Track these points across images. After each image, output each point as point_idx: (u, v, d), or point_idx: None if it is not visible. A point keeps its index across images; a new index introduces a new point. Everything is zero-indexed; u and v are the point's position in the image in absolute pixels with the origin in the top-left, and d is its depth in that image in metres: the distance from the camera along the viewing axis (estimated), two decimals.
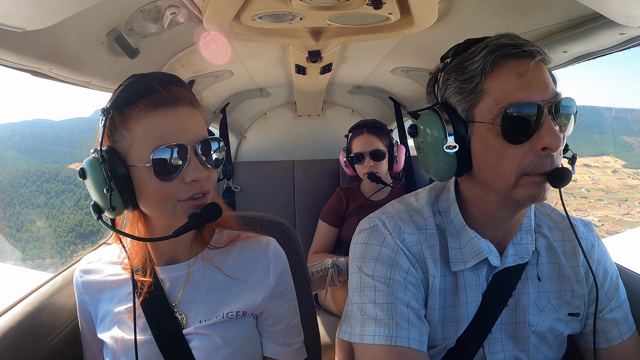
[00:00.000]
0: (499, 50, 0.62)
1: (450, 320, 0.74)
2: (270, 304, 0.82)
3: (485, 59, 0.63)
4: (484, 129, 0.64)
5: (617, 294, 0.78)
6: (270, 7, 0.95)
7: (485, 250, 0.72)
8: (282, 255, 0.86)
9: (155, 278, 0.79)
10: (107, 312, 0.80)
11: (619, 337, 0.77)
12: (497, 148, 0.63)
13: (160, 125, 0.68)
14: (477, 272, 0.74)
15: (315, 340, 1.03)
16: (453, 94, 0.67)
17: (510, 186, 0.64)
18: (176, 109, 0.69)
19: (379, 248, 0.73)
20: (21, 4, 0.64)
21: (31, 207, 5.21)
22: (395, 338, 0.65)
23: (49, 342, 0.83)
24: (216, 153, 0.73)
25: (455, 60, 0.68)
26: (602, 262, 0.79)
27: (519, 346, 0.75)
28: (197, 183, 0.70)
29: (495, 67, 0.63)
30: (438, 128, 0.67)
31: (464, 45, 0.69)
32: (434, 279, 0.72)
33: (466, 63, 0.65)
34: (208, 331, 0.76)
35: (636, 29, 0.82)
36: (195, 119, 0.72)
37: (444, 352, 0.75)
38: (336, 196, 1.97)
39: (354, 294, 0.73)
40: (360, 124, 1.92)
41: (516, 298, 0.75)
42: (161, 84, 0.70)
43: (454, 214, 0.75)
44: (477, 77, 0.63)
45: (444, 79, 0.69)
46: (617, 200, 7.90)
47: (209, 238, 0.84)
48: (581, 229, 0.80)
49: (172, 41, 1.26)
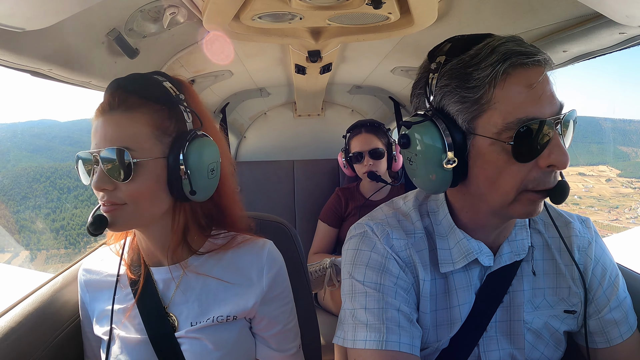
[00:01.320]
0: (511, 58, 0.57)
1: (443, 323, 0.73)
2: (263, 308, 0.80)
3: (496, 67, 0.57)
4: (486, 143, 0.60)
5: (616, 293, 0.76)
6: (270, 7, 0.95)
7: (475, 250, 0.70)
8: (278, 259, 0.84)
9: (149, 279, 0.79)
10: (104, 310, 0.81)
11: (619, 337, 0.75)
12: (500, 163, 0.59)
13: (92, 133, 0.71)
14: (467, 272, 0.73)
15: (315, 341, 1.03)
16: (452, 103, 0.61)
17: (508, 202, 0.61)
18: (104, 116, 0.70)
19: (369, 254, 0.72)
20: (21, 3, 0.64)
21: (45, 201, 5.32)
22: (386, 342, 0.65)
23: (52, 341, 0.83)
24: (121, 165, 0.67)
25: (455, 63, 0.61)
26: (600, 260, 0.77)
27: (514, 344, 0.74)
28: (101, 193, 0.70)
29: (504, 77, 0.57)
30: (436, 140, 0.61)
31: (461, 46, 0.62)
32: (424, 283, 0.72)
33: (470, 69, 0.59)
34: (198, 334, 0.76)
35: (636, 29, 0.82)
36: (118, 126, 0.69)
37: (437, 352, 0.74)
38: (335, 196, 1.97)
39: (346, 300, 0.72)
40: (359, 124, 1.92)
41: (511, 295, 0.74)
42: (108, 90, 0.72)
43: (442, 215, 0.74)
44: (484, 86, 0.58)
45: (442, 84, 0.62)
46: (607, 207, 8.04)
47: (197, 245, 0.81)
48: (577, 226, 0.77)
49: (172, 41, 1.26)
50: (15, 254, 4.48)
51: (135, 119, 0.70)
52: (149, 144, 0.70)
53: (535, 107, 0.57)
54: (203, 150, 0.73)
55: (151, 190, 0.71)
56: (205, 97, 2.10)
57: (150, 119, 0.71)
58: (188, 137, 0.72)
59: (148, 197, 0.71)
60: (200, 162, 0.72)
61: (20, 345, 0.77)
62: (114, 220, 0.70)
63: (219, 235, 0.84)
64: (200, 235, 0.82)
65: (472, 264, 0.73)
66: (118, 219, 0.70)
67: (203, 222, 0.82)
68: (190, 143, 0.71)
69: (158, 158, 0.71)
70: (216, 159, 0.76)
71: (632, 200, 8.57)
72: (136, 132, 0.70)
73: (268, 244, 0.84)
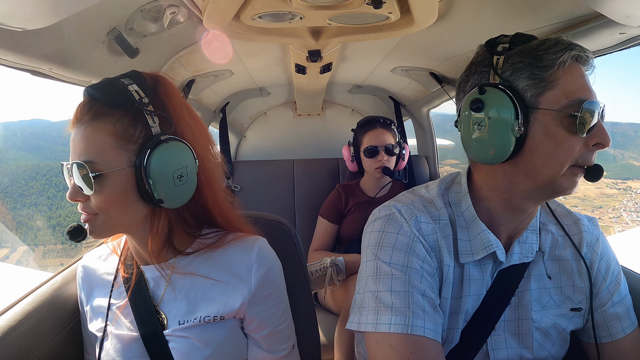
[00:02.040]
0: (575, 49, 0.65)
1: (455, 311, 0.75)
2: (252, 308, 0.78)
3: (565, 52, 0.65)
4: (549, 117, 0.65)
5: (618, 288, 0.79)
6: (270, 6, 0.95)
7: (494, 243, 0.73)
8: (269, 257, 0.81)
9: (141, 277, 0.80)
10: (98, 307, 0.82)
11: (621, 331, 0.78)
12: (559, 137, 0.65)
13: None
14: (481, 267, 0.75)
15: (315, 340, 1.03)
16: (523, 78, 0.67)
17: (558, 174, 0.66)
18: (77, 127, 0.70)
19: (396, 236, 0.73)
20: (21, 3, 0.64)
21: (45, 198, 5.35)
22: (411, 327, 0.65)
23: (50, 341, 0.84)
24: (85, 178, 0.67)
25: (524, 47, 0.68)
26: (605, 256, 0.81)
27: (522, 343, 0.75)
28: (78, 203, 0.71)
29: (570, 64, 0.66)
30: (509, 109, 0.66)
31: (522, 38, 0.70)
32: (449, 269, 0.73)
33: (541, 52, 0.66)
34: (186, 333, 0.76)
35: (636, 29, 0.82)
36: (84, 139, 0.69)
37: (448, 349, 0.75)
38: (335, 192, 1.96)
39: (369, 282, 0.71)
40: (373, 119, 1.91)
41: (519, 295, 0.76)
42: (83, 98, 0.72)
43: (465, 206, 0.76)
44: (554, 67, 0.65)
45: (513, 61, 0.68)
46: (591, 207, 8.60)
47: (184, 246, 0.80)
48: (586, 223, 0.82)
49: (172, 41, 1.26)
50: (14, 249, 4.52)
51: (99, 129, 0.69)
52: (112, 154, 0.68)
53: (589, 93, 0.66)
54: (165, 157, 0.69)
55: (120, 200, 0.70)
56: (206, 97, 2.10)
57: (112, 128, 0.69)
58: (150, 145, 0.69)
59: (118, 206, 0.70)
60: (163, 170, 0.69)
61: (21, 344, 0.78)
62: (92, 228, 0.72)
63: (209, 235, 0.82)
64: (187, 236, 0.80)
65: (486, 260, 0.75)
66: (94, 228, 0.72)
67: (191, 223, 0.80)
68: (152, 151, 0.68)
69: (124, 168, 0.69)
70: (184, 164, 0.71)
71: (616, 201, 8.92)
72: (99, 144, 0.68)
73: (259, 241, 0.82)
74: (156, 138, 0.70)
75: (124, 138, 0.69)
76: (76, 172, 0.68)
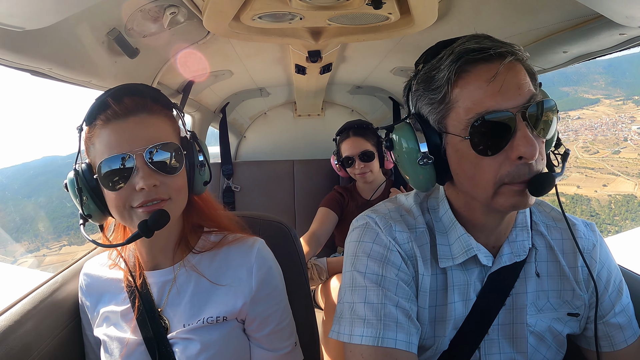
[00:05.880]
0: (464, 56, 0.59)
1: (441, 319, 0.73)
2: (253, 308, 0.80)
3: (450, 67, 0.59)
4: (457, 140, 0.62)
5: (620, 298, 0.76)
6: (270, 6, 0.95)
7: (475, 247, 0.71)
8: (268, 258, 0.84)
9: (144, 282, 0.81)
10: (104, 313, 0.83)
11: (624, 341, 0.75)
12: (472, 159, 0.61)
13: (109, 137, 0.70)
14: (466, 272, 0.73)
15: (315, 340, 1.03)
16: (424, 105, 0.65)
17: (489, 196, 0.62)
18: (127, 119, 0.71)
19: (371, 245, 0.73)
20: (21, 3, 0.64)
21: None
22: (382, 339, 0.65)
23: (50, 341, 0.83)
24: (171, 159, 0.72)
25: (424, 69, 0.65)
26: (605, 264, 0.77)
27: (516, 347, 0.74)
28: (147, 190, 0.70)
29: (462, 75, 0.59)
30: (411, 140, 0.66)
31: (433, 51, 0.65)
32: (423, 278, 0.72)
33: (433, 72, 0.63)
34: (189, 335, 0.77)
35: (636, 29, 0.82)
36: (149, 126, 0.72)
37: (437, 355, 0.74)
38: (336, 191, 1.97)
39: (347, 292, 0.72)
40: (346, 127, 1.90)
41: (514, 298, 0.73)
42: (115, 97, 0.72)
43: (443, 211, 0.75)
44: (443, 87, 0.61)
45: (415, 89, 0.67)
46: None
47: (193, 243, 0.84)
48: (582, 229, 0.78)
49: (172, 41, 1.26)
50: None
51: (160, 120, 0.74)
52: (177, 141, 0.76)
53: (495, 100, 0.57)
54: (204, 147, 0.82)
55: (184, 185, 0.77)
56: (205, 97, 2.10)
57: (169, 120, 0.76)
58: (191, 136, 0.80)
59: (184, 191, 0.77)
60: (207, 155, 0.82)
61: (21, 344, 0.77)
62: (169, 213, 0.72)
63: (211, 233, 0.86)
64: (194, 233, 0.85)
65: (470, 264, 0.73)
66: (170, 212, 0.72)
67: (195, 220, 0.85)
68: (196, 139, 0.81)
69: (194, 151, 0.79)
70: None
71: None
72: (169, 130, 0.75)
73: (257, 242, 0.85)
74: (191, 132, 0.81)
75: (176, 130, 0.78)
76: (161, 153, 0.71)
